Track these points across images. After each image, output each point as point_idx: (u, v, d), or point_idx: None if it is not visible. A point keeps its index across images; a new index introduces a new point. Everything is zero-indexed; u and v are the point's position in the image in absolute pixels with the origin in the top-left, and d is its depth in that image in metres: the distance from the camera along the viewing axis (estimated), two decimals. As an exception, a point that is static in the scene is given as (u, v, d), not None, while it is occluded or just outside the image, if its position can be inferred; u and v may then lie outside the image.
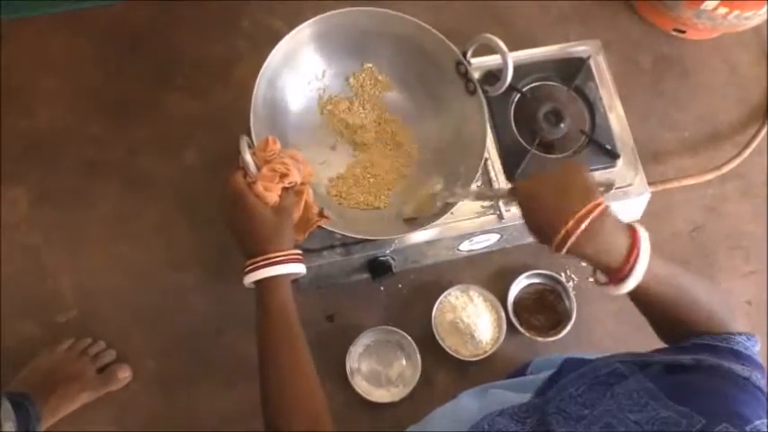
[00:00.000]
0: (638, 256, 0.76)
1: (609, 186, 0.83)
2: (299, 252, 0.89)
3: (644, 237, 0.78)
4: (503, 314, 1.31)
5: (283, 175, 0.90)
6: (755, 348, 0.77)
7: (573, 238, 0.77)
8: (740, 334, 0.77)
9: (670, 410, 0.63)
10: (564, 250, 0.78)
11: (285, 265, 0.86)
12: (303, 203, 0.95)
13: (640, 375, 0.71)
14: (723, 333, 0.77)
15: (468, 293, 1.33)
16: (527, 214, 0.84)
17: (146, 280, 1.33)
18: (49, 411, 1.18)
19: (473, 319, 1.30)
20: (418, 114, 1.23)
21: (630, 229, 0.79)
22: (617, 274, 0.78)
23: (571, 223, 0.77)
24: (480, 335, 1.29)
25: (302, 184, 0.93)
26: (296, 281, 0.96)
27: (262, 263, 0.85)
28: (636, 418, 0.64)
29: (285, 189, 0.91)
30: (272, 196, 0.89)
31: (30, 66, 1.46)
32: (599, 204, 0.77)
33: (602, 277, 0.82)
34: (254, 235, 0.87)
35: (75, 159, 1.40)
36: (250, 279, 0.86)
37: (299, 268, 0.88)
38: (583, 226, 0.76)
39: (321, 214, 0.99)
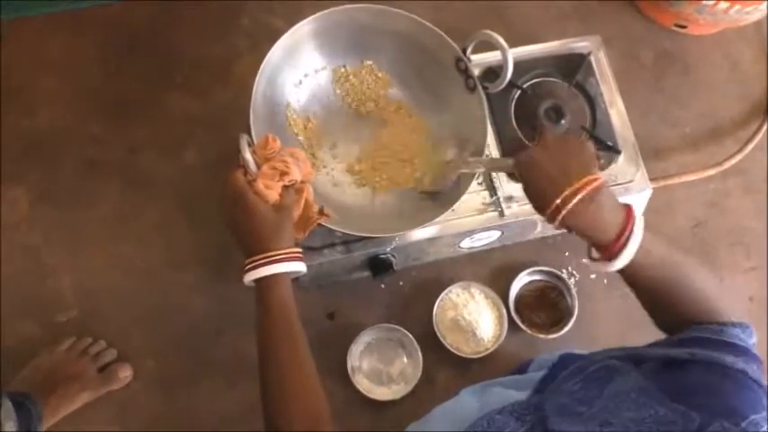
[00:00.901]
0: (630, 233, 0.78)
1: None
2: (300, 250, 0.89)
3: (639, 216, 0.79)
4: (504, 311, 1.31)
5: (283, 173, 0.89)
6: (751, 340, 0.76)
7: (566, 210, 0.79)
8: (735, 325, 0.76)
9: (666, 409, 0.62)
10: (557, 221, 0.80)
11: (285, 263, 0.85)
12: (303, 201, 0.95)
13: (636, 373, 0.70)
14: (717, 323, 0.77)
15: (469, 291, 1.32)
16: (526, 182, 0.85)
17: (146, 279, 1.33)
18: (50, 411, 1.18)
19: (474, 316, 1.29)
20: (418, 112, 1.22)
21: (626, 208, 0.80)
22: (609, 250, 0.79)
23: (566, 193, 0.79)
24: (482, 332, 1.29)
25: (302, 182, 0.93)
26: (296, 279, 0.96)
27: (262, 261, 0.85)
28: (632, 416, 0.63)
29: (285, 187, 0.91)
30: (273, 194, 0.89)
31: (29, 66, 1.46)
32: (596, 179, 0.79)
33: (595, 254, 0.83)
34: (254, 233, 0.87)
35: (75, 159, 1.40)
36: (250, 277, 0.86)
37: (300, 267, 0.88)
38: (577, 198, 0.78)
39: (321, 212, 0.99)
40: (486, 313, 1.31)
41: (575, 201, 0.78)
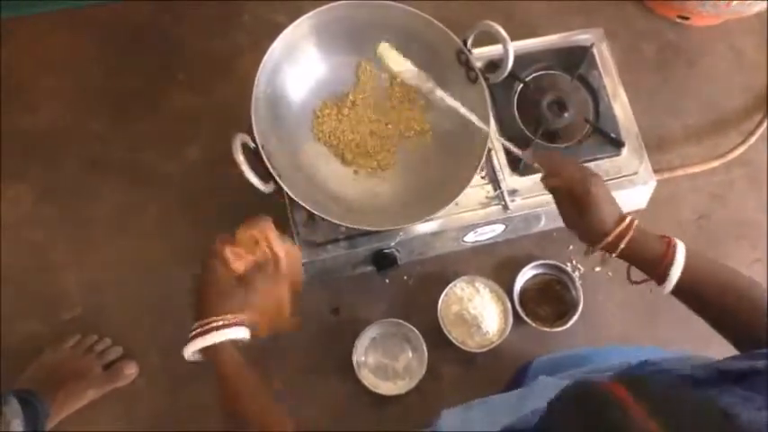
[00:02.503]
0: (673, 253, 0.85)
1: None
2: (242, 317, 0.80)
3: (678, 241, 0.87)
4: (509, 305, 1.31)
5: (258, 246, 0.82)
6: None
7: (624, 242, 0.87)
8: None
9: None
10: (617, 251, 0.88)
11: (221, 331, 0.77)
12: (278, 297, 0.84)
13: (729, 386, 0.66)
14: None
15: (474, 285, 1.32)
16: (588, 209, 0.89)
17: (150, 276, 1.33)
18: (56, 408, 1.18)
19: (479, 310, 1.29)
20: (422, 104, 1.22)
21: (662, 236, 0.89)
22: (659, 268, 0.86)
23: (622, 227, 0.87)
24: (487, 326, 1.29)
25: (291, 282, 0.85)
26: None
27: (198, 331, 0.78)
28: None
29: (258, 266, 0.82)
30: (238, 265, 0.81)
31: (31, 64, 1.45)
32: (632, 216, 0.89)
33: (637, 277, 0.91)
34: (201, 294, 0.80)
35: (77, 157, 1.40)
36: (189, 350, 0.78)
37: (236, 333, 0.78)
38: (632, 232, 0.87)
39: (293, 322, 0.86)
40: (491, 307, 1.31)
41: (631, 233, 0.87)
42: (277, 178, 1.02)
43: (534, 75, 1.28)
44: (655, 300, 1.36)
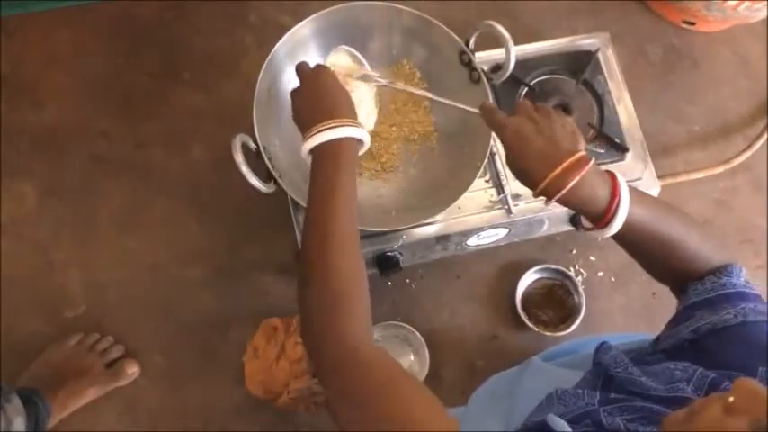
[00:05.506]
0: (619, 200, 0.78)
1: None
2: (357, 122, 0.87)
3: (622, 182, 0.80)
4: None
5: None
6: (742, 278, 0.80)
7: (560, 194, 0.78)
8: (726, 270, 0.79)
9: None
10: (551, 201, 0.80)
11: (346, 128, 0.84)
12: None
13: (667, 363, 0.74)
14: (708, 272, 0.80)
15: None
16: (514, 155, 0.83)
17: (154, 275, 1.34)
18: (58, 407, 1.19)
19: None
20: (425, 105, 1.22)
21: (610, 176, 0.80)
22: (602, 220, 0.80)
23: (557, 171, 0.78)
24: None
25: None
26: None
27: (321, 128, 0.83)
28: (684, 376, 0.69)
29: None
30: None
31: (37, 61, 1.46)
32: (586, 160, 0.79)
33: (587, 223, 0.84)
34: (315, 99, 0.87)
35: (82, 154, 1.40)
36: (310, 144, 0.83)
37: (361, 134, 0.86)
38: (573, 182, 0.77)
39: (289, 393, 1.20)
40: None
41: (570, 185, 0.77)
42: (278, 179, 1.03)
43: (539, 79, 1.28)
44: (656, 305, 1.36)
